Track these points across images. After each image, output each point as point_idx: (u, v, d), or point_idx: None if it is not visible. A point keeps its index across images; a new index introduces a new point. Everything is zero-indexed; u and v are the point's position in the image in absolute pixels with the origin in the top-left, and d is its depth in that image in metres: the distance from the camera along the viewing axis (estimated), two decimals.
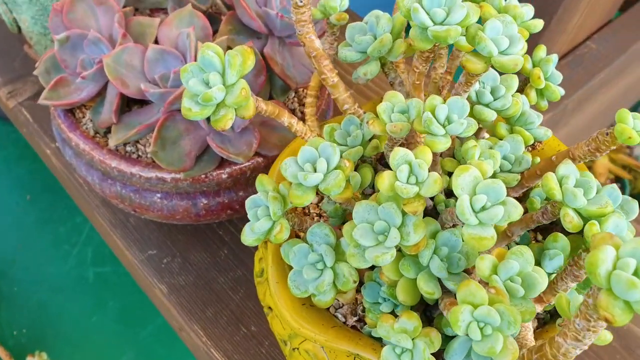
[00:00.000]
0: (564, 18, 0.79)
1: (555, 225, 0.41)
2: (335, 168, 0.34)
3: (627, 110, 0.31)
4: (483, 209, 0.30)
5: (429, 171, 0.31)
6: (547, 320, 0.39)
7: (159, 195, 0.50)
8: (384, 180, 0.31)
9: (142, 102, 0.51)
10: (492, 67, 0.34)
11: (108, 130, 0.51)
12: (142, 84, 0.46)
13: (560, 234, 0.36)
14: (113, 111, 0.47)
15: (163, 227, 0.63)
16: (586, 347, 0.28)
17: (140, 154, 0.50)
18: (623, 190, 1.38)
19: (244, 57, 0.35)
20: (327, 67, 0.40)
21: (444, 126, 0.33)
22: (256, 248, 0.63)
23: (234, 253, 0.62)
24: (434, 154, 0.38)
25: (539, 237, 0.43)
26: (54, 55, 0.50)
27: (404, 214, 0.32)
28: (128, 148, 0.50)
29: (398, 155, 0.32)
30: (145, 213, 0.52)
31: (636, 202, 0.36)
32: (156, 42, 0.49)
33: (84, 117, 0.52)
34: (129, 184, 0.50)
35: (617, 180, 1.40)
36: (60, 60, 0.49)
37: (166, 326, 1.30)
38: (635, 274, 0.23)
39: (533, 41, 0.80)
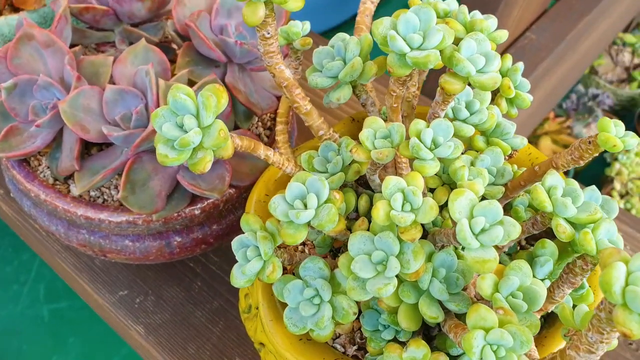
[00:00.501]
0: (505, 13, 0.81)
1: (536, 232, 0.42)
2: (326, 202, 0.33)
3: (607, 119, 0.32)
4: (482, 231, 0.30)
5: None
6: (542, 324, 0.39)
7: (129, 238, 0.48)
8: (378, 210, 0.31)
9: (102, 144, 0.49)
10: (470, 85, 0.34)
11: (67, 177, 0.49)
12: (104, 127, 0.44)
13: (548, 240, 0.37)
14: (75, 158, 0.45)
15: (131, 266, 0.61)
16: (598, 358, 0.28)
17: (105, 197, 0.48)
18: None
19: (217, 97, 0.34)
20: (299, 95, 0.39)
21: (431, 150, 0.33)
22: (229, 275, 0.61)
23: (207, 284, 0.60)
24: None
25: (522, 243, 0.43)
26: (1, 103, 0.47)
27: (400, 241, 0.32)
28: (92, 193, 0.48)
29: (390, 184, 0.31)
30: (117, 257, 0.50)
31: (615, 201, 0.37)
32: (111, 81, 0.47)
33: (39, 164, 0.50)
34: (97, 230, 0.48)
35: None
36: (9, 108, 0.46)
37: (132, 356, 1.26)
38: None
39: None
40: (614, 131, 0.32)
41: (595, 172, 1.43)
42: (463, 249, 0.37)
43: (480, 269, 0.29)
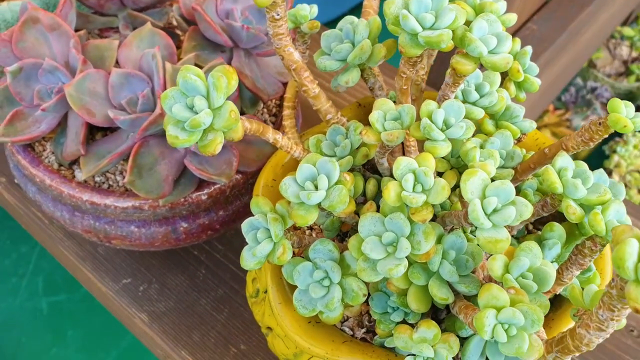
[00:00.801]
0: (506, 3, 0.81)
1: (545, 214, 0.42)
2: (336, 183, 0.33)
3: (618, 99, 0.32)
4: (495, 211, 0.30)
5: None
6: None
7: (135, 224, 0.48)
8: (389, 191, 0.31)
9: (107, 129, 0.49)
10: (483, 64, 0.34)
11: (72, 162, 0.49)
12: (110, 111, 0.43)
13: (556, 224, 0.37)
14: (80, 142, 0.45)
15: (134, 253, 0.61)
16: (608, 336, 0.29)
17: (110, 183, 0.48)
18: None
19: (228, 78, 0.33)
20: (307, 78, 0.39)
21: (443, 131, 0.33)
22: (234, 265, 0.61)
23: (212, 272, 0.60)
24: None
25: (530, 227, 0.43)
26: (6, 88, 0.47)
27: (411, 222, 0.32)
28: (97, 178, 0.47)
29: (402, 165, 0.31)
30: (122, 244, 0.49)
31: (622, 184, 0.37)
32: (116, 65, 0.47)
33: (44, 150, 0.50)
34: (102, 216, 0.47)
35: None
36: (14, 92, 0.46)
37: (131, 348, 1.26)
38: None
39: None
40: (624, 112, 0.32)
41: (594, 165, 1.42)
42: (472, 231, 0.37)
43: (492, 249, 0.29)
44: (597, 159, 1.40)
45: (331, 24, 0.42)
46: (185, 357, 0.55)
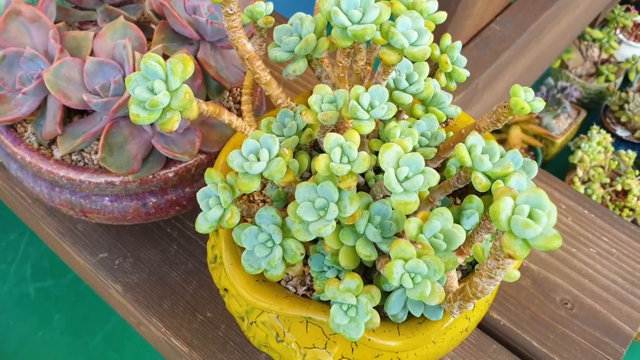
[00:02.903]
0: (468, 4, 0.87)
1: (470, 189, 0.47)
2: (276, 156, 0.38)
3: (518, 85, 0.37)
4: (406, 178, 0.35)
5: (358, 151, 0.36)
6: (469, 270, 0.45)
7: (108, 198, 0.53)
8: (320, 162, 0.36)
9: (83, 112, 0.54)
10: (405, 57, 0.39)
11: (51, 142, 0.53)
12: (84, 95, 0.48)
13: (474, 196, 0.42)
14: (57, 123, 0.50)
15: (111, 229, 0.66)
16: (498, 283, 0.34)
17: (86, 161, 0.52)
18: (536, 157, 1.49)
19: (184, 64, 0.38)
20: (259, 67, 0.44)
21: (367, 111, 0.38)
22: (204, 241, 0.66)
23: (183, 247, 0.65)
24: (361, 136, 0.42)
25: (458, 201, 0.48)
26: None
27: (339, 190, 0.37)
28: (74, 157, 0.52)
29: (331, 140, 0.36)
30: (96, 217, 0.54)
31: (535, 163, 0.42)
32: (92, 54, 0.52)
33: (25, 131, 0.54)
34: (78, 191, 0.52)
35: (531, 149, 1.51)
36: None
37: (115, 332, 1.31)
38: (529, 216, 0.29)
39: (443, 28, 0.87)
40: (523, 96, 0.37)
41: (564, 161, 1.49)
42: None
43: (403, 210, 0.35)
44: (566, 154, 1.47)
45: None
46: (156, 323, 0.60)
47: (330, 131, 0.45)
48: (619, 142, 1.54)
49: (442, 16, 0.44)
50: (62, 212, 0.56)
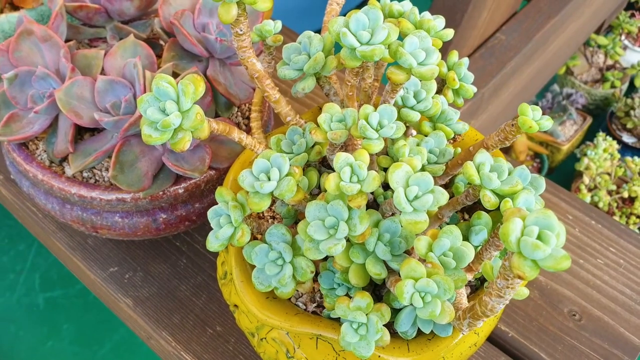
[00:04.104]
0: (474, 15, 0.87)
1: (478, 205, 0.48)
2: (286, 175, 0.39)
3: (526, 104, 0.38)
4: (416, 197, 0.35)
5: (367, 170, 0.37)
6: (478, 286, 0.45)
7: (119, 214, 0.53)
8: (330, 181, 0.36)
9: (93, 130, 0.55)
10: (413, 75, 0.40)
11: (62, 160, 0.54)
12: (95, 114, 0.49)
13: (483, 212, 0.42)
14: (69, 141, 0.50)
15: (121, 244, 0.66)
16: (507, 302, 0.34)
17: (97, 178, 0.53)
18: (542, 164, 1.49)
19: (195, 85, 0.39)
20: (269, 85, 0.45)
21: (376, 130, 0.38)
22: (213, 255, 0.67)
23: (192, 261, 0.66)
24: (370, 155, 0.43)
25: (466, 217, 0.49)
26: (3, 92, 0.52)
27: (349, 208, 0.37)
28: (85, 174, 0.53)
29: (340, 159, 0.37)
30: (107, 233, 0.55)
31: (543, 178, 0.42)
32: (102, 72, 0.53)
33: (37, 148, 0.55)
34: (89, 208, 0.53)
35: (537, 156, 1.51)
36: (10, 97, 0.51)
37: (124, 341, 1.31)
38: (538, 237, 0.29)
39: (448, 40, 0.87)
40: (531, 115, 0.38)
41: (570, 168, 1.49)
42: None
43: (412, 230, 0.35)
44: (572, 162, 1.47)
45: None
46: (166, 337, 0.60)
47: (340, 149, 0.46)
48: (625, 149, 1.54)
49: (449, 33, 0.44)
50: (72, 227, 0.57)
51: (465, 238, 0.41)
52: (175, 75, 0.53)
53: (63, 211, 0.54)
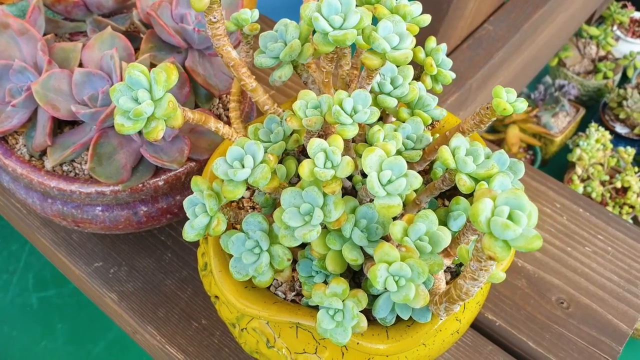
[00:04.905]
0: (460, 5, 0.87)
1: (458, 191, 0.47)
2: (261, 162, 0.38)
3: (500, 87, 0.37)
4: (389, 182, 0.35)
5: (342, 156, 0.36)
6: (458, 272, 0.45)
7: (99, 208, 0.53)
8: (304, 167, 0.36)
9: (73, 123, 0.54)
10: (388, 60, 0.39)
11: (42, 154, 0.54)
12: (73, 106, 0.49)
13: (461, 197, 0.42)
14: (47, 134, 0.50)
15: (106, 239, 0.66)
16: (482, 285, 0.34)
17: (77, 172, 0.53)
18: (535, 156, 1.49)
19: (167, 73, 0.39)
20: (245, 74, 0.44)
21: (351, 116, 0.38)
22: (198, 247, 0.66)
23: (177, 255, 0.65)
24: (346, 140, 0.43)
25: (447, 203, 0.48)
26: None
27: (324, 195, 0.37)
28: (65, 167, 0.53)
29: (314, 145, 0.36)
30: (89, 227, 0.54)
31: (522, 162, 0.42)
32: (80, 65, 0.52)
33: (16, 143, 0.55)
34: (69, 201, 0.53)
35: (530, 148, 1.51)
36: None
37: (118, 340, 1.31)
38: (509, 217, 0.29)
39: (435, 30, 0.87)
40: (505, 97, 0.37)
41: (563, 159, 1.48)
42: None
43: (386, 214, 0.35)
44: (565, 152, 1.46)
45: None
46: (151, 331, 0.60)
47: (317, 136, 0.45)
48: (618, 139, 1.54)
49: (426, 19, 0.44)
50: (55, 222, 0.56)
51: (445, 224, 0.41)
52: (153, 66, 0.53)
53: (44, 205, 0.54)
